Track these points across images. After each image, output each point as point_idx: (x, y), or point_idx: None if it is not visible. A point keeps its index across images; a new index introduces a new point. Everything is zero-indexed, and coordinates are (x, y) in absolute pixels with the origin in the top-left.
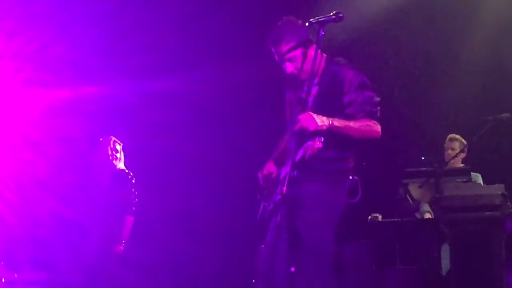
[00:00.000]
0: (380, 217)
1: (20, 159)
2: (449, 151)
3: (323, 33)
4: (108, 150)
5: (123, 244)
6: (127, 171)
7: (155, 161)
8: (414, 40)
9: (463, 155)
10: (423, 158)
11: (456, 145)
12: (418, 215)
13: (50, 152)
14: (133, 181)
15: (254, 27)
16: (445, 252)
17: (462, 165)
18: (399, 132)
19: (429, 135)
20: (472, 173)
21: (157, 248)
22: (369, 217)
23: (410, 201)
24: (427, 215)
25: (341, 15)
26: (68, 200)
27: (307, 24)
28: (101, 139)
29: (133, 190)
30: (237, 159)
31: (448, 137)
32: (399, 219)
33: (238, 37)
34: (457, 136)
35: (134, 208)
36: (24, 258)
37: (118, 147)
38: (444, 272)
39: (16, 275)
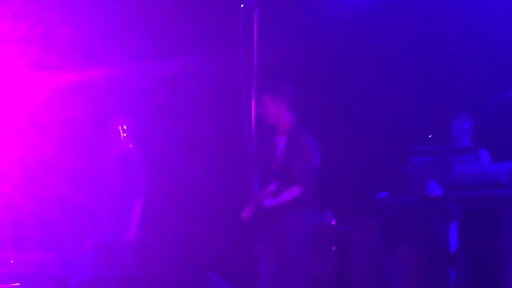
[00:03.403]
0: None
1: (27, 142)
2: (456, 129)
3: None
4: (115, 133)
5: (134, 230)
6: (134, 153)
7: (161, 144)
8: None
9: (470, 132)
10: (430, 136)
11: (463, 123)
12: (426, 193)
13: (56, 135)
14: (141, 163)
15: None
16: (453, 230)
17: (470, 143)
18: (406, 110)
19: (437, 113)
20: (480, 150)
21: (162, 233)
22: (377, 196)
23: (418, 179)
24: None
25: None
26: (75, 183)
27: (241, 6)
28: (108, 121)
29: (141, 172)
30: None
31: (455, 115)
32: (407, 197)
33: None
34: (465, 114)
35: (142, 190)
36: (32, 239)
37: (125, 129)
38: (452, 250)
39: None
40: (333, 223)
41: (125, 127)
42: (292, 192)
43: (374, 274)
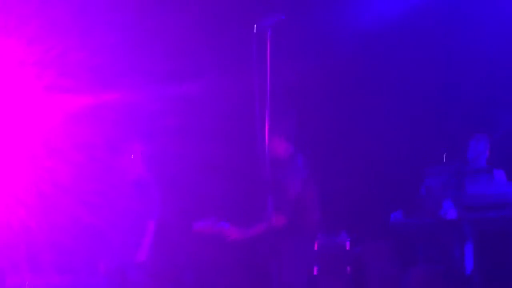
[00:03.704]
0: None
1: (41, 166)
2: (472, 151)
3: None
4: (131, 157)
5: (146, 252)
6: (149, 176)
7: (176, 166)
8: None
9: (486, 153)
10: (444, 157)
11: (478, 144)
12: (441, 214)
13: (71, 159)
14: (156, 186)
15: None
16: (469, 251)
17: (486, 164)
18: (421, 131)
19: (451, 134)
20: (495, 170)
21: (176, 254)
22: (391, 217)
23: (432, 200)
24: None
25: (282, 17)
26: (89, 207)
27: (255, 26)
28: (124, 145)
29: (155, 195)
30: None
31: (471, 136)
32: (422, 219)
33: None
34: (480, 135)
35: (155, 213)
36: (46, 262)
37: (141, 154)
38: (467, 271)
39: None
40: (347, 244)
41: (140, 153)
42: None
43: None
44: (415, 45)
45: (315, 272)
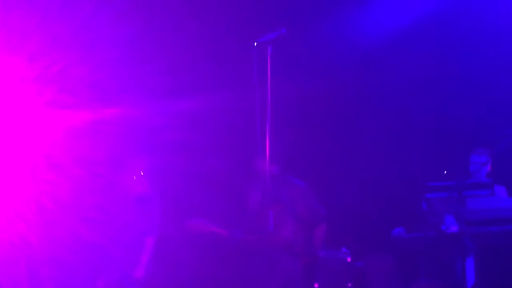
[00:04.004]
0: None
1: (42, 181)
2: (474, 164)
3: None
4: (133, 173)
5: (144, 268)
6: (152, 194)
7: (178, 181)
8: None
9: (487, 168)
10: (445, 172)
11: (480, 158)
12: (442, 229)
13: (72, 174)
14: (158, 205)
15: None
16: (470, 266)
17: (487, 178)
18: (422, 145)
19: (452, 149)
20: (496, 186)
21: (177, 270)
22: (393, 232)
23: (434, 215)
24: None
25: (284, 31)
26: (90, 222)
27: (255, 44)
28: (126, 161)
29: (157, 213)
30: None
31: (472, 150)
32: (423, 233)
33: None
34: (482, 149)
35: (155, 229)
36: (46, 278)
37: (143, 170)
38: (468, 286)
39: None
40: (348, 259)
41: (143, 169)
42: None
43: None
44: (416, 60)
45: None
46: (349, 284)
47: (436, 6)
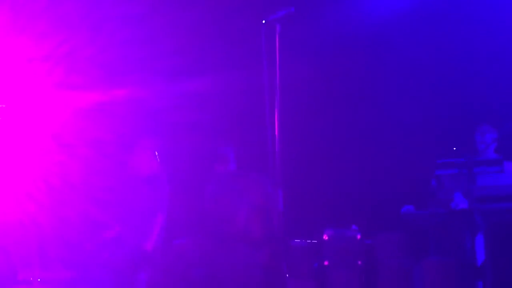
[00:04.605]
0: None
1: (51, 161)
2: (479, 144)
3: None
4: (142, 154)
5: (153, 242)
6: (160, 174)
7: (185, 161)
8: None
9: (494, 144)
10: (454, 149)
11: (484, 137)
12: (452, 206)
13: (81, 154)
14: (166, 184)
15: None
16: (480, 243)
17: (495, 154)
18: (431, 123)
19: (461, 125)
20: (505, 162)
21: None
22: (402, 209)
23: (443, 192)
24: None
25: (292, 9)
26: (99, 202)
27: (263, 22)
28: (133, 141)
29: (166, 194)
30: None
31: (479, 127)
32: (433, 210)
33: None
34: (485, 127)
35: (165, 207)
36: (57, 258)
37: (152, 150)
38: (478, 262)
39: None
40: (358, 237)
41: (153, 149)
42: None
43: (400, 287)
44: (427, 39)
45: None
46: (359, 262)
47: None
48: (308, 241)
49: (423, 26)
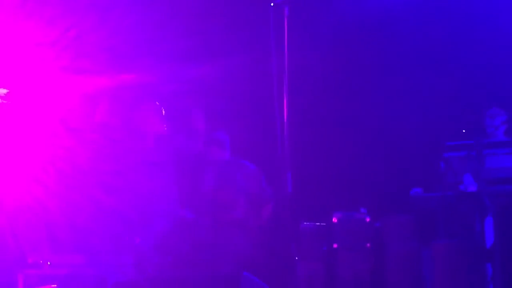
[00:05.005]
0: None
1: (59, 146)
2: (489, 127)
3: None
4: (148, 114)
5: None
6: (167, 158)
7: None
8: None
9: (504, 126)
10: (464, 131)
11: (493, 120)
12: (461, 188)
13: (89, 139)
14: (173, 170)
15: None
16: (489, 225)
17: (505, 136)
18: (440, 105)
19: (470, 107)
20: None
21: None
22: (411, 192)
23: (452, 174)
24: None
25: None
26: (108, 187)
27: (272, 4)
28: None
29: (172, 179)
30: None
31: (488, 110)
32: (442, 193)
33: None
34: (495, 110)
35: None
36: (66, 242)
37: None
38: (488, 245)
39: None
40: (367, 220)
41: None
42: None
43: (409, 270)
44: (436, 23)
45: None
46: (368, 244)
47: None
48: (317, 223)
49: (432, 11)
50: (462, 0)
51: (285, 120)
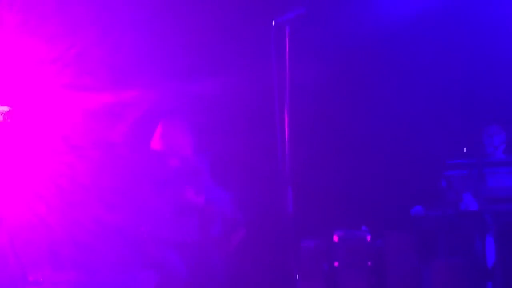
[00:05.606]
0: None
1: (61, 163)
2: (488, 146)
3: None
4: (151, 154)
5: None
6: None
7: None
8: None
9: (503, 145)
10: (464, 149)
11: (493, 139)
12: (462, 207)
13: (91, 156)
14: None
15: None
16: (490, 244)
17: (504, 155)
18: (440, 123)
19: (471, 126)
20: None
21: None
22: (412, 210)
23: (453, 193)
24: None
25: (303, 10)
26: (109, 204)
27: (273, 23)
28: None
29: (174, 196)
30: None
31: (486, 129)
32: (442, 211)
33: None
34: (494, 128)
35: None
36: (67, 259)
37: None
38: (489, 264)
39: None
40: (368, 238)
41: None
42: None
43: None
44: (436, 40)
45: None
46: (369, 263)
47: None
48: (318, 242)
49: (431, 28)
50: (459, 21)
51: (286, 137)
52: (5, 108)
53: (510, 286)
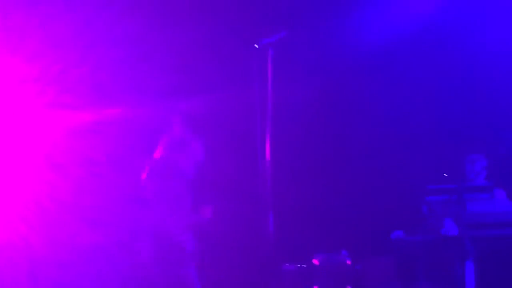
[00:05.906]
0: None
1: (43, 181)
2: (469, 173)
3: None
4: (133, 172)
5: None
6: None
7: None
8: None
9: (485, 172)
10: (445, 175)
11: (474, 166)
12: (442, 232)
13: (73, 174)
14: (157, 205)
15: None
16: (470, 270)
17: (485, 181)
18: (421, 148)
19: (452, 151)
20: (495, 189)
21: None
22: (392, 235)
23: (434, 218)
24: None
25: (285, 34)
26: (91, 223)
27: (256, 46)
28: (126, 160)
29: (155, 214)
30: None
31: (468, 156)
32: (423, 236)
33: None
34: (474, 156)
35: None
36: (48, 279)
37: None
38: None
39: None
40: (348, 262)
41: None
42: None
43: None
44: (418, 63)
45: None
46: (349, 287)
47: (438, 11)
48: (298, 265)
49: (413, 54)
50: (444, 46)
51: (267, 159)
52: None
53: None
